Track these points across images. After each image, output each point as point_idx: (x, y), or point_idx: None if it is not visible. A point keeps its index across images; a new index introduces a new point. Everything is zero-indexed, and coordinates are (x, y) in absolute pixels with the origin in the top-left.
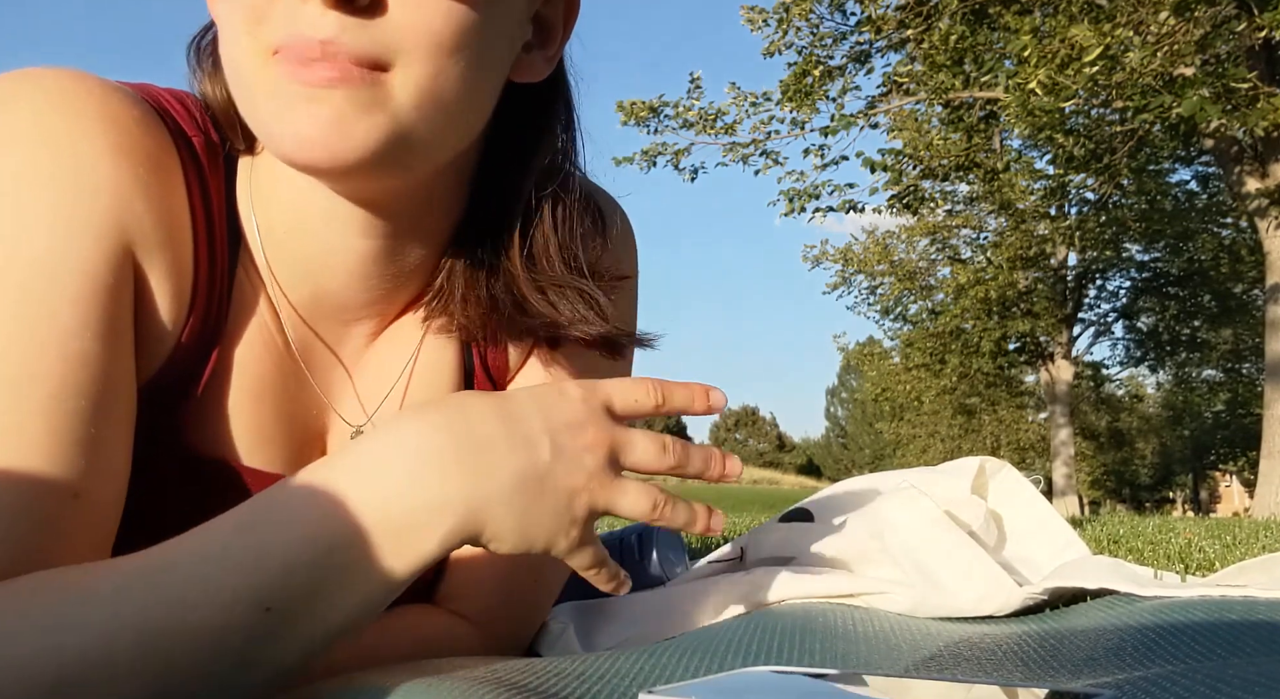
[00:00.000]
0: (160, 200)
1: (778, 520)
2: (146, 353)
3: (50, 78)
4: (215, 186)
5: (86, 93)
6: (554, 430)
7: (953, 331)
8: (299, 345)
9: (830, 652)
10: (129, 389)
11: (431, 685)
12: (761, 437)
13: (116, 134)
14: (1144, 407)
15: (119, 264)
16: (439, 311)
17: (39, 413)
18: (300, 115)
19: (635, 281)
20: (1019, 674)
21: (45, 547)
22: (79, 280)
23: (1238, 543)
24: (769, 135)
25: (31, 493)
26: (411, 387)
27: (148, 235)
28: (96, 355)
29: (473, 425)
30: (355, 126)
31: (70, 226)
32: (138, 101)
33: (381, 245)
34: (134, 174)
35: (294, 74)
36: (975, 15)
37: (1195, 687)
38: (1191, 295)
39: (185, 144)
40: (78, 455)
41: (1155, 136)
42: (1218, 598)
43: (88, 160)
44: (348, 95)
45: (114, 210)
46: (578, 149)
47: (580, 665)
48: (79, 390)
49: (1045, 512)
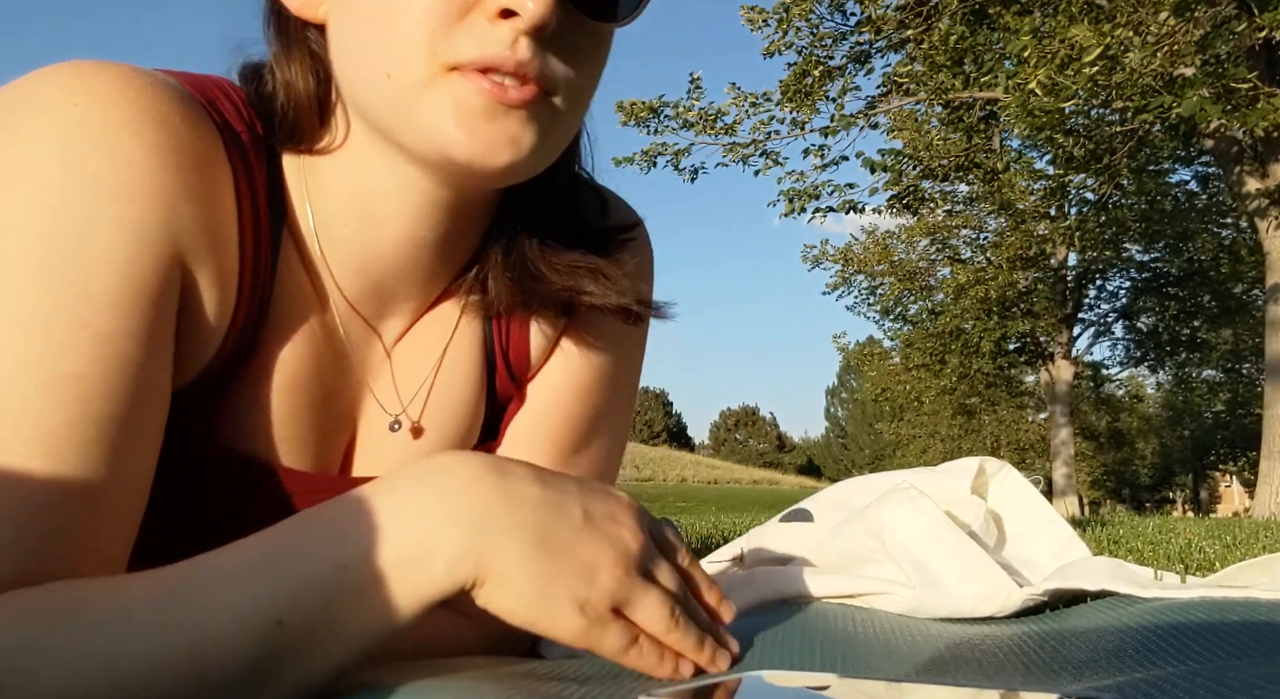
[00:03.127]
0: (208, 204)
1: (778, 520)
2: (190, 356)
3: (100, 76)
4: (260, 181)
5: (137, 92)
6: (589, 505)
7: (953, 332)
8: (345, 332)
9: (830, 653)
10: (162, 395)
11: (431, 685)
12: (761, 437)
13: (166, 136)
14: (1144, 407)
15: (165, 269)
16: (478, 290)
17: (70, 417)
18: (486, 129)
19: (652, 266)
20: (1019, 676)
21: (62, 552)
22: (120, 284)
23: (1238, 543)
24: (769, 135)
25: (52, 496)
26: (440, 372)
27: (196, 240)
28: (133, 360)
29: (510, 483)
30: (526, 140)
31: (117, 231)
32: (186, 98)
33: (441, 236)
34: (182, 178)
35: (484, 90)
36: (975, 15)
37: (1196, 688)
38: (1191, 295)
39: (234, 139)
40: (102, 461)
41: (1155, 137)
42: (1218, 599)
43: (137, 164)
44: (526, 114)
45: (161, 216)
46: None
47: (581, 667)
48: (111, 395)
49: (1045, 512)
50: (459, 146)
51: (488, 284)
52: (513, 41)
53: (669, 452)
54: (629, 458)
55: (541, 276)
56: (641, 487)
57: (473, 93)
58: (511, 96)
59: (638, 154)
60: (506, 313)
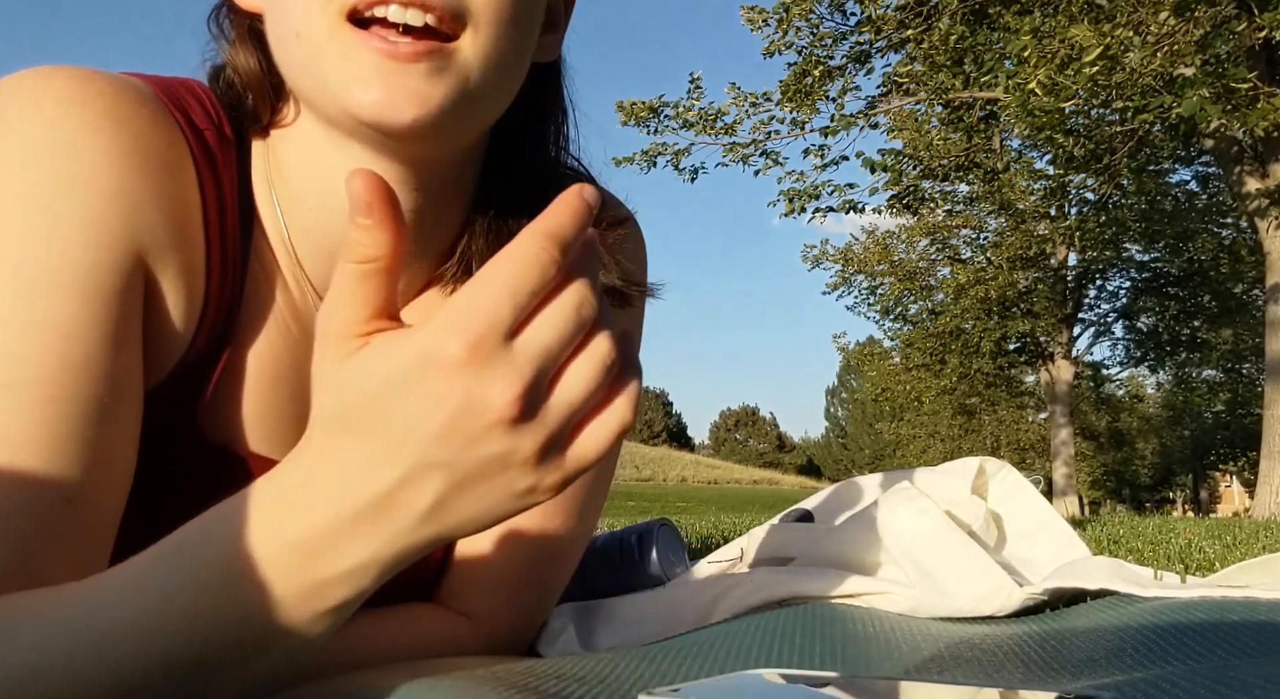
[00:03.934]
0: (172, 203)
1: (778, 520)
2: (159, 355)
3: (60, 79)
4: (228, 178)
5: (97, 94)
6: (438, 446)
7: (953, 332)
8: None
9: (830, 653)
10: (134, 394)
11: (431, 685)
12: (761, 437)
13: (127, 137)
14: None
15: (129, 269)
16: (462, 278)
17: (37, 417)
18: (384, 85)
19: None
20: (1019, 675)
21: (40, 552)
22: (85, 284)
23: (1238, 543)
24: (769, 135)
25: (26, 497)
26: None
27: (159, 240)
28: (100, 360)
29: (361, 484)
30: (432, 92)
31: (79, 231)
32: (148, 98)
33: (409, 215)
34: (144, 177)
35: (376, 48)
36: (975, 15)
37: (1196, 688)
38: (1191, 295)
39: (197, 138)
40: (75, 461)
41: (1155, 136)
42: (1218, 598)
43: (99, 165)
44: (428, 67)
45: (124, 215)
46: (571, 125)
47: (581, 667)
48: (80, 395)
49: (1045, 512)
50: (360, 106)
51: (471, 270)
52: None
53: (669, 451)
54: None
55: None
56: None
57: (364, 50)
58: (402, 51)
59: (638, 154)
60: None
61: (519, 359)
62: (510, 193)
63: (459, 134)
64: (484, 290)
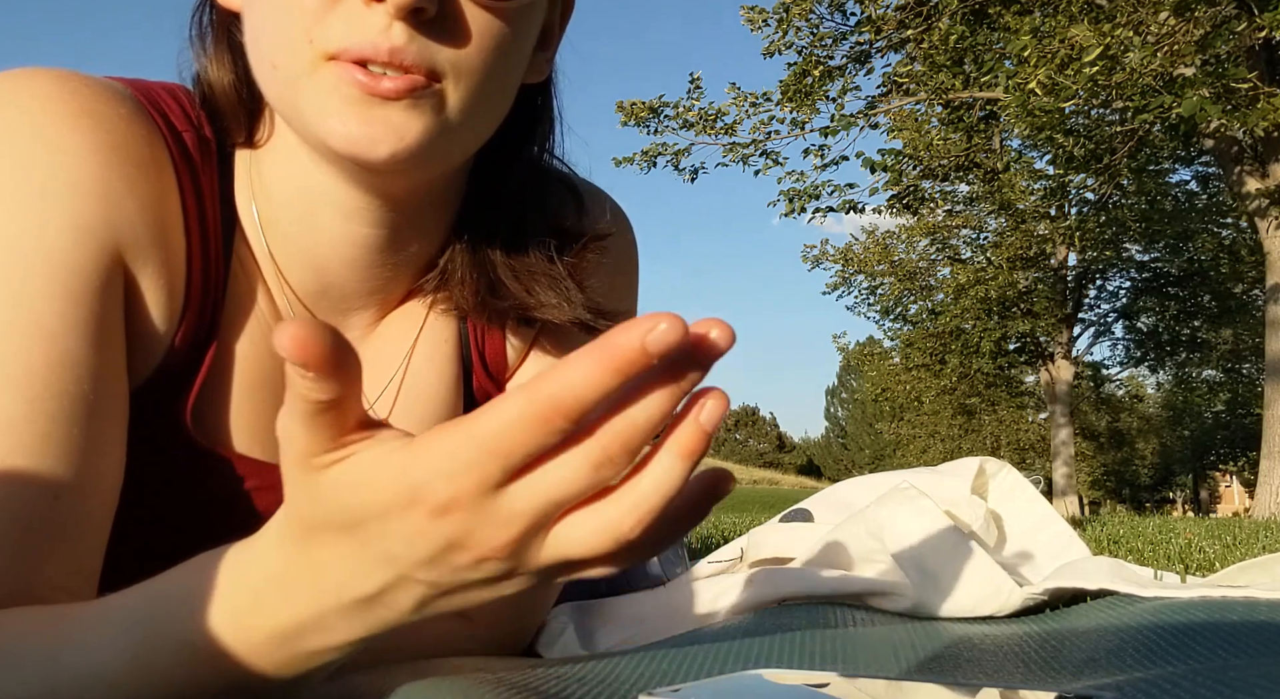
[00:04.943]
0: (150, 199)
1: (778, 521)
2: (141, 351)
3: (37, 79)
4: (208, 182)
5: (73, 92)
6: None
7: (953, 332)
8: None
9: (831, 653)
10: (119, 390)
11: (431, 685)
12: (761, 437)
13: (104, 133)
14: (1144, 407)
15: (108, 265)
16: (442, 290)
17: (20, 415)
18: (361, 119)
19: (635, 264)
20: (1019, 675)
21: (31, 549)
22: (64, 281)
23: (1238, 543)
24: (769, 135)
25: (12, 494)
26: (408, 376)
27: (138, 235)
28: (83, 357)
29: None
30: (410, 129)
31: (57, 227)
32: (126, 98)
33: (387, 234)
34: (122, 173)
35: (357, 82)
36: (975, 15)
37: (1196, 688)
38: (1191, 295)
39: (176, 140)
40: (62, 458)
41: (1155, 136)
42: (1218, 598)
43: (75, 161)
44: (409, 103)
45: (102, 211)
46: (558, 141)
47: (580, 667)
48: (63, 392)
49: (1045, 512)
50: (337, 138)
51: (451, 285)
52: (386, 27)
53: None
54: None
55: (498, 287)
56: None
57: (345, 83)
58: (384, 87)
59: (637, 154)
60: (473, 317)
61: (514, 508)
62: (495, 203)
63: (437, 166)
64: (473, 441)
